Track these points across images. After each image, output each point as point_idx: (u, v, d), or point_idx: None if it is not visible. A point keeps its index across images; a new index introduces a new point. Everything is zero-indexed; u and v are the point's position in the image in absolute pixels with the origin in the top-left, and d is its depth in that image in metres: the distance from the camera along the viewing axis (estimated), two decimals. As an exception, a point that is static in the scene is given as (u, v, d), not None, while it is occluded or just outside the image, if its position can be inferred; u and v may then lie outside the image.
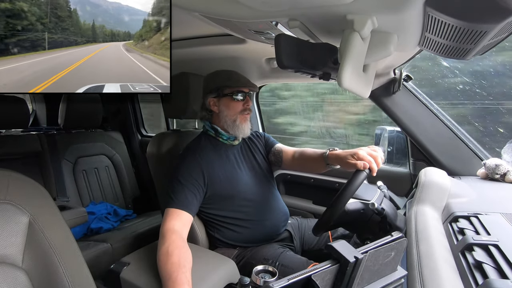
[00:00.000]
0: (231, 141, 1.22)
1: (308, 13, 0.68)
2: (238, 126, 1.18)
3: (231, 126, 1.18)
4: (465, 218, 0.77)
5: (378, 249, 0.46)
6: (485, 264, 0.54)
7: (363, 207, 0.91)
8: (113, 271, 0.94)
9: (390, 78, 1.28)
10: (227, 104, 1.17)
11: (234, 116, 1.17)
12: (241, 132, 1.19)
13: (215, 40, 1.29)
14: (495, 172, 1.07)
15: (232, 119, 1.17)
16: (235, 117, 1.17)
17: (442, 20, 0.54)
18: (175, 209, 1.00)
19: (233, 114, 1.17)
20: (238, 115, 1.17)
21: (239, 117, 1.17)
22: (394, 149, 1.44)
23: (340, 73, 0.65)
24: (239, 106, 1.17)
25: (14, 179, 0.68)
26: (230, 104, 1.17)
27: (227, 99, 1.17)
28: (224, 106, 1.18)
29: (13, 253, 0.64)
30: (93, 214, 1.81)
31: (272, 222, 1.19)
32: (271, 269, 0.75)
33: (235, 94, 1.16)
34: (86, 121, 2.12)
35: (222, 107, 1.18)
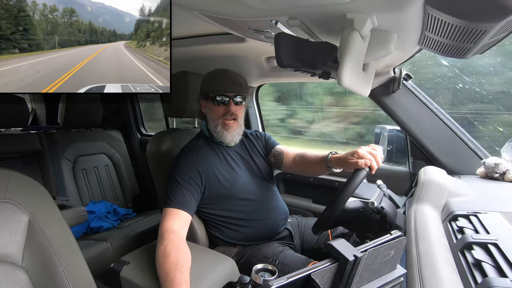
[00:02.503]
0: (224, 144, 1.20)
1: (308, 12, 0.68)
2: (219, 132, 1.15)
3: (214, 131, 1.16)
4: (465, 217, 0.77)
5: (378, 247, 0.47)
6: (484, 263, 0.55)
7: (362, 205, 0.91)
8: (113, 270, 0.94)
9: (390, 77, 1.28)
10: (210, 108, 1.15)
11: (216, 121, 1.14)
12: (224, 140, 1.16)
13: (214, 39, 1.29)
14: (495, 171, 1.07)
15: (214, 124, 1.15)
16: (217, 122, 1.14)
17: (442, 19, 0.53)
18: (173, 208, 1.00)
19: (215, 119, 1.14)
20: (220, 120, 1.14)
21: (220, 123, 1.14)
22: (393, 148, 1.44)
23: (340, 72, 0.65)
24: (219, 111, 1.13)
25: (14, 178, 0.68)
26: (212, 108, 1.15)
27: (209, 103, 1.15)
28: (208, 109, 1.16)
29: (13, 252, 0.64)
30: (93, 213, 1.81)
31: (272, 221, 1.19)
32: (271, 268, 0.75)
33: (215, 99, 1.13)
34: (85, 120, 2.12)
35: (207, 110, 1.17)
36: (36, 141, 1.86)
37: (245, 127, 1.26)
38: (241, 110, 1.17)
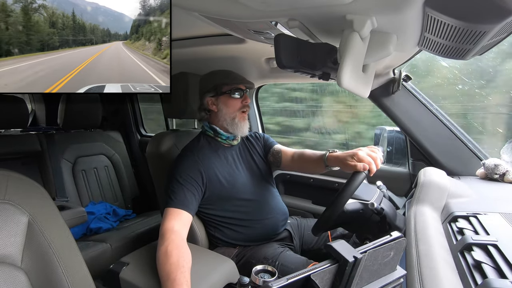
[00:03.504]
0: (230, 140, 1.21)
1: (307, 13, 0.68)
2: (237, 124, 1.18)
3: (230, 124, 1.18)
4: (464, 218, 0.77)
5: (377, 248, 0.47)
6: (484, 264, 0.54)
7: (362, 207, 0.91)
8: (113, 271, 0.94)
9: (390, 78, 1.28)
10: (226, 102, 1.18)
11: (233, 114, 1.17)
12: (240, 131, 1.19)
13: (214, 40, 1.29)
14: (494, 172, 1.07)
15: (231, 117, 1.18)
16: (234, 115, 1.17)
17: (441, 20, 0.54)
18: (174, 208, 1.00)
19: (232, 112, 1.17)
20: (237, 112, 1.18)
21: (238, 115, 1.18)
22: (393, 149, 1.44)
23: (340, 73, 0.65)
24: (237, 104, 1.18)
25: (13, 179, 0.68)
26: (228, 102, 1.17)
27: (225, 97, 1.17)
28: (223, 104, 1.18)
29: (12, 253, 0.64)
30: (93, 214, 1.80)
31: (272, 222, 1.19)
32: (271, 269, 0.75)
33: (233, 92, 1.16)
34: (85, 120, 2.11)
35: (221, 105, 1.18)
36: (35, 142, 1.86)
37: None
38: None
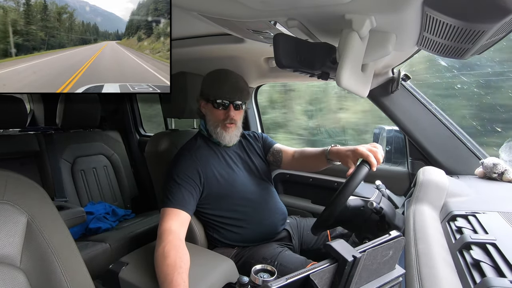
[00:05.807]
0: (221, 144, 1.20)
1: (306, 13, 0.68)
2: (219, 133, 1.16)
3: (213, 132, 1.17)
4: (463, 217, 0.77)
5: (376, 248, 0.47)
6: (483, 263, 0.55)
7: (363, 204, 0.91)
8: (112, 271, 0.94)
9: (389, 78, 1.29)
10: (211, 110, 1.16)
11: (216, 123, 1.16)
12: (223, 140, 1.17)
13: (213, 40, 1.28)
14: (493, 171, 1.07)
15: (214, 125, 1.16)
16: (217, 124, 1.15)
17: (440, 19, 0.54)
18: (172, 208, 0.99)
19: (215, 122, 1.16)
20: (219, 123, 1.15)
21: (220, 125, 1.15)
22: (392, 148, 1.45)
23: (339, 73, 0.65)
24: (220, 115, 1.14)
25: (12, 179, 0.68)
26: (212, 111, 1.15)
27: (210, 105, 1.16)
28: (208, 111, 1.17)
29: (11, 253, 0.63)
30: (92, 214, 1.80)
31: (270, 222, 1.19)
32: (270, 269, 0.75)
33: (215, 102, 1.14)
34: (84, 120, 2.11)
35: (207, 111, 1.18)
36: (34, 142, 1.85)
37: (244, 128, 1.26)
38: (240, 114, 1.18)
